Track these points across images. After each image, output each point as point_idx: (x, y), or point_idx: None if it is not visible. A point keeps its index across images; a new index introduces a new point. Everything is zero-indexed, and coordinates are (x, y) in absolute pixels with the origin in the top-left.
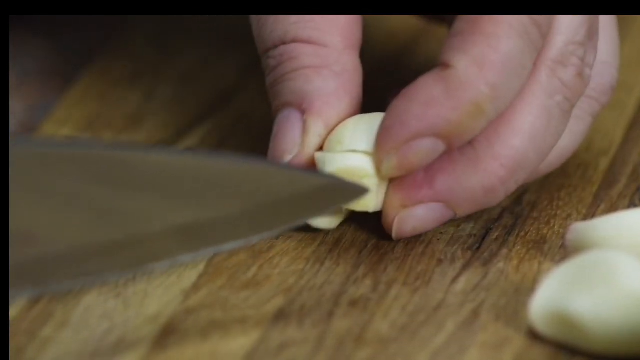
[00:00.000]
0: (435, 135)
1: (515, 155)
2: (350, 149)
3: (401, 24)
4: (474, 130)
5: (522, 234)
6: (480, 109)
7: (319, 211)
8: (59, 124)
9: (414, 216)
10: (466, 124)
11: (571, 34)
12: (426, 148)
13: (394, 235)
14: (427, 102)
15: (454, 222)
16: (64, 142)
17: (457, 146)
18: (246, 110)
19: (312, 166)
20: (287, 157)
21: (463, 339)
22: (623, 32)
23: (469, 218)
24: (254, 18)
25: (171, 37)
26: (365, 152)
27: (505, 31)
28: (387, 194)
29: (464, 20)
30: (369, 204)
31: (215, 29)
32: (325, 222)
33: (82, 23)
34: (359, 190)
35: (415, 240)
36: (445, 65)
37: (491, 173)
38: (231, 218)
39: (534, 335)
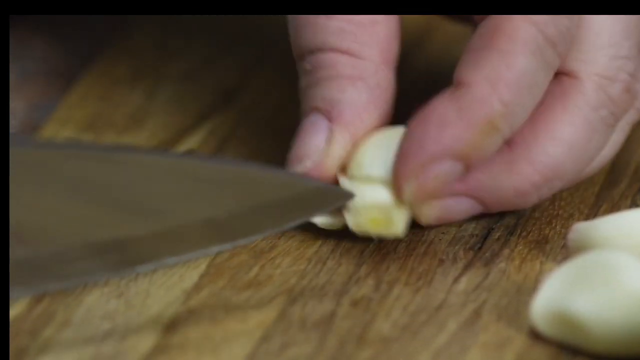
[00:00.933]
0: (452, 157)
1: (550, 163)
2: (369, 175)
3: (403, 26)
4: (489, 148)
5: (524, 234)
6: (494, 126)
7: (309, 215)
8: (61, 123)
9: (443, 206)
10: (481, 142)
11: (615, 49)
12: (444, 171)
13: (423, 219)
14: (441, 123)
15: (456, 222)
16: (62, 143)
17: (474, 165)
18: (248, 110)
19: (332, 176)
20: (307, 162)
21: (464, 339)
22: None
23: (470, 218)
24: (291, 22)
25: (172, 37)
26: (384, 181)
27: (519, 48)
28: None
29: (478, 36)
30: (398, 231)
31: (217, 29)
32: (331, 221)
33: (83, 23)
34: (347, 196)
35: (417, 240)
36: (459, 84)
37: (524, 177)
38: (220, 220)
39: (535, 336)
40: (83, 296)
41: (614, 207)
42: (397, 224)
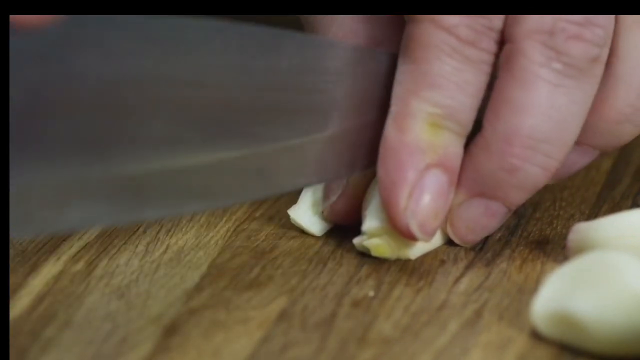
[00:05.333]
0: (427, 168)
1: (520, 131)
2: (369, 227)
3: None
4: (449, 143)
5: (525, 234)
6: (438, 125)
7: None
8: None
9: (460, 216)
10: (436, 142)
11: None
12: (432, 183)
13: (457, 240)
14: (395, 151)
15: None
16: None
17: (453, 167)
18: None
19: (353, 206)
20: (332, 197)
21: (466, 340)
22: None
23: None
24: None
25: None
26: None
27: (433, 53)
28: None
29: (400, 51)
30: (409, 252)
31: None
32: (315, 227)
33: None
34: None
35: None
36: (391, 106)
37: (503, 153)
38: None
39: (536, 336)
40: (84, 297)
41: (615, 208)
42: (405, 249)
